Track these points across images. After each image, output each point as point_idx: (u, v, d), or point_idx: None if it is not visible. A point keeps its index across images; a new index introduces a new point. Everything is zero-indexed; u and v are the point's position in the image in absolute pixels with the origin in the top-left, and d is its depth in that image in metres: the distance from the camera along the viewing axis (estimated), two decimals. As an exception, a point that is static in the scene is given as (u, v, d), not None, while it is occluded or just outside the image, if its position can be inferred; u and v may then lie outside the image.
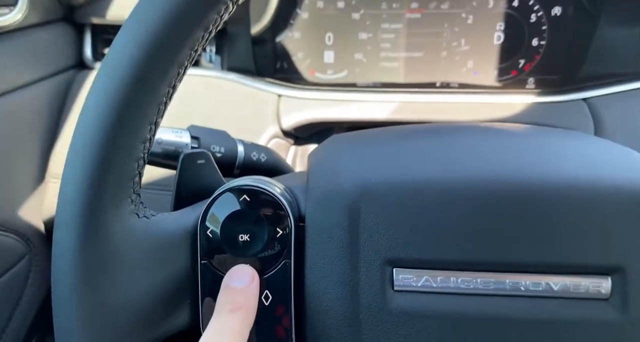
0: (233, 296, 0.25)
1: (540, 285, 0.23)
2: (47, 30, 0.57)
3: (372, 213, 0.25)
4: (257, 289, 0.25)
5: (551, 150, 0.27)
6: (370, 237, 0.25)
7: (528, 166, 0.25)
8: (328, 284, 0.25)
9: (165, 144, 0.34)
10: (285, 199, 0.27)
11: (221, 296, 0.25)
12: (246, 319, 0.24)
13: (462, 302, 0.24)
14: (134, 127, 0.23)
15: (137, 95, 0.22)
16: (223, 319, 0.24)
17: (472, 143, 0.28)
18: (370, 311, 0.25)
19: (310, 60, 0.62)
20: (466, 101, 0.58)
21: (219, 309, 0.24)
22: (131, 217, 0.25)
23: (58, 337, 0.25)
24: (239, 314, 0.24)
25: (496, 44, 0.59)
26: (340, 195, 0.26)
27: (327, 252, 0.26)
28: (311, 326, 0.26)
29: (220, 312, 0.24)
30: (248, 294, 0.25)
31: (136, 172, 0.24)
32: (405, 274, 0.25)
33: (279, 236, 0.26)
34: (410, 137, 0.30)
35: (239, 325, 0.24)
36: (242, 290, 0.25)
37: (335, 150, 0.30)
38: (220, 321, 0.24)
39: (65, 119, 0.57)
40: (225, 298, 0.25)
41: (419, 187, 0.25)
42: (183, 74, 0.24)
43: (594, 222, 0.23)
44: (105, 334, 0.24)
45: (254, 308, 0.25)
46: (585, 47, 0.55)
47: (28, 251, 0.53)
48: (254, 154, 0.39)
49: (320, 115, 0.56)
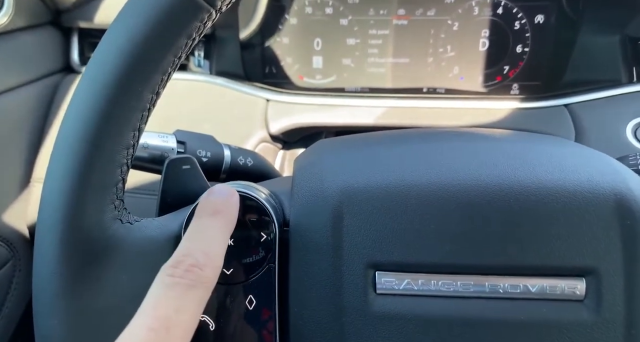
0: (213, 203, 0.25)
1: (519, 287, 0.24)
2: (33, 34, 0.57)
3: (354, 217, 0.25)
4: (237, 203, 0.25)
5: (528, 155, 0.27)
6: (353, 241, 0.25)
7: (506, 170, 0.26)
8: (311, 287, 0.26)
9: (151, 148, 0.34)
10: (269, 204, 0.27)
11: (200, 204, 0.25)
12: (227, 224, 0.24)
13: (442, 304, 0.24)
14: (117, 134, 0.23)
15: (120, 101, 0.22)
16: (203, 221, 0.24)
17: (453, 148, 0.29)
18: (353, 314, 0.25)
19: (298, 66, 0.63)
20: (451, 107, 0.58)
21: (199, 213, 0.24)
22: (114, 223, 0.25)
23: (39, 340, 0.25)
24: (219, 218, 0.24)
25: (481, 50, 0.60)
26: (324, 199, 0.26)
27: (311, 256, 0.26)
28: (295, 330, 0.26)
29: (201, 215, 0.24)
30: (228, 204, 0.25)
31: (119, 178, 0.24)
32: (387, 277, 0.25)
33: (263, 240, 0.26)
34: (393, 142, 0.31)
35: (219, 227, 0.24)
36: (222, 200, 0.25)
37: (320, 155, 0.30)
38: (200, 222, 0.24)
39: (51, 123, 0.57)
40: (205, 204, 0.25)
41: (400, 191, 0.25)
42: (167, 81, 0.24)
43: (569, 225, 0.24)
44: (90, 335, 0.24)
45: (233, 218, 0.25)
46: (567, 54, 0.57)
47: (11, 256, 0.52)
48: (240, 159, 0.39)
49: (309, 120, 0.57)
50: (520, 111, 0.56)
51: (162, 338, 0.19)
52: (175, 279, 0.21)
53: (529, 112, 0.56)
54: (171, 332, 0.19)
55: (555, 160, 0.26)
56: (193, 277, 0.21)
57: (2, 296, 0.51)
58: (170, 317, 0.19)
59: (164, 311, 0.20)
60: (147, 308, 0.20)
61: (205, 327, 0.26)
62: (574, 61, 0.56)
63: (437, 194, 0.25)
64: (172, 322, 0.19)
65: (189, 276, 0.21)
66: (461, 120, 0.57)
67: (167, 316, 0.19)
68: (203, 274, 0.21)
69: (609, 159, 0.27)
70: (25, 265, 0.54)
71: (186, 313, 0.20)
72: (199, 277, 0.21)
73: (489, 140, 0.30)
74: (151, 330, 0.19)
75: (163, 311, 0.20)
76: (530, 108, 0.56)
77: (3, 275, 0.51)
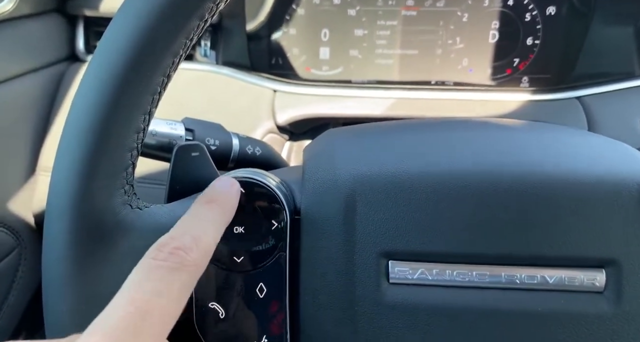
0: (212, 192, 0.24)
1: (536, 278, 0.23)
2: (38, 22, 0.56)
3: (368, 205, 0.25)
4: (237, 194, 0.25)
5: (547, 143, 0.27)
6: (366, 230, 0.25)
7: (524, 159, 0.25)
8: (323, 276, 0.25)
9: (159, 135, 0.34)
10: (280, 192, 0.26)
11: (200, 195, 0.24)
12: (223, 213, 0.24)
13: (457, 295, 0.24)
14: (128, 117, 0.22)
15: (131, 84, 0.22)
16: (197, 207, 0.23)
17: (469, 137, 0.28)
18: (366, 304, 0.25)
19: (305, 57, 0.62)
20: (461, 98, 0.58)
21: (197, 201, 0.24)
22: (124, 208, 0.24)
23: (48, 330, 0.24)
24: (214, 206, 0.23)
25: (491, 42, 0.60)
26: (337, 187, 0.26)
27: (323, 245, 0.25)
28: (305, 318, 0.25)
29: (198, 202, 0.24)
30: (227, 194, 0.24)
31: (129, 162, 0.24)
32: (400, 267, 0.24)
33: (274, 228, 0.26)
34: (405, 131, 0.30)
35: (215, 215, 0.23)
36: (221, 190, 0.24)
37: (331, 144, 0.30)
38: (195, 209, 0.23)
39: (56, 112, 0.56)
40: (204, 193, 0.24)
41: (415, 180, 0.25)
42: (178, 64, 0.24)
43: (589, 215, 0.23)
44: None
45: (231, 208, 0.24)
46: (578, 46, 0.56)
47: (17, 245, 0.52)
48: (248, 148, 0.39)
49: (316, 111, 0.56)
50: (531, 103, 0.55)
51: (138, 322, 0.17)
52: (158, 262, 0.20)
53: (540, 104, 0.55)
54: (148, 316, 0.18)
55: (575, 149, 0.26)
56: (177, 260, 0.20)
57: (8, 285, 0.51)
58: (149, 300, 0.18)
59: (142, 294, 0.18)
60: (125, 290, 0.19)
61: (215, 314, 0.26)
62: (585, 53, 0.55)
63: (453, 182, 0.25)
64: (150, 306, 0.18)
65: (173, 259, 0.20)
66: (471, 112, 0.56)
67: (145, 299, 0.18)
68: (188, 258, 0.20)
69: (630, 149, 0.26)
70: (31, 254, 0.54)
71: (166, 297, 0.19)
72: (183, 260, 0.20)
73: (505, 129, 0.29)
74: (127, 313, 0.18)
75: (141, 294, 0.18)
76: (541, 100, 0.55)
77: (9, 264, 0.51)
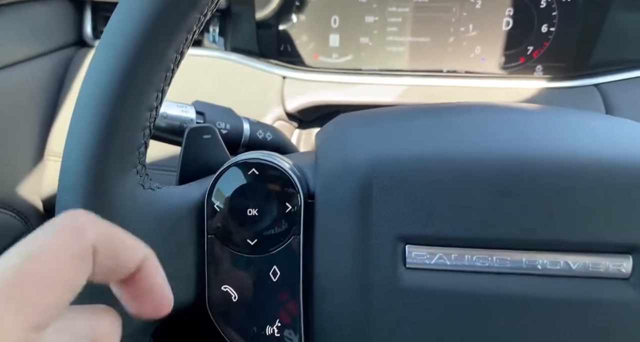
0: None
1: (558, 264, 0.23)
2: (46, 6, 0.55)
3: (384, 188, 0.24)
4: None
5: (570, 127, 0.26)
6: (382, 213, 0.24)
7: (547, 142, 0.24)
8: (338, 261, 0.25)
9: (170, 118, 0.33)
10: (294, 174, 0.26)
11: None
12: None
13: (476, 280, 0.23)
14: (141, 94, 0.22)
15: (144, 60, 0.21)
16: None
17: (488, 120, 0.27)
18: (381, 289, 0.24)
19: (314, 44, 0.61)
20: (474, 86, 0.57)
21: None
22: (136, 188, 0.24)
23: None
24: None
25: (505, 30, 0.58)
26: (352, 170, 0.25)
27: (337, 229, 0.25)
28: (319, 303, 0.25)
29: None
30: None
31: (142, 141, 0.23)
32: (418, 251, 0.24)
33: (287, 211, 0.25)
34: (422, 114, 0.30)
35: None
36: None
37: (345, 127, 0.29)
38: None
39: (64, 97, 0.56)
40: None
41: (433, 162, 0.24)
42: (191, 40, 0.23)
43: (615, 199, 0.22)
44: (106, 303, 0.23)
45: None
46: (595, 33, 0.54)
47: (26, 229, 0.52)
48: (259, 133, 0.38)
49: (326, 98, 0.56)
50: (547, 90, 0.54)
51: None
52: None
53: (557, 92, 0.54)
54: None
55: (599, 132, 0.25)
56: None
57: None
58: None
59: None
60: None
61: (228, 297, 0.25)
62: (603, 40, 0.54)
63: (472, 165, 0.24)
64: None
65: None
66: (483, 100, 0.55)
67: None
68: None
69: None
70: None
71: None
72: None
73: (525, 113, 0.28)
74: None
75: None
76: (557, 88, 0.54)
77: (17, 248, 0.51)
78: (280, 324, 0.25)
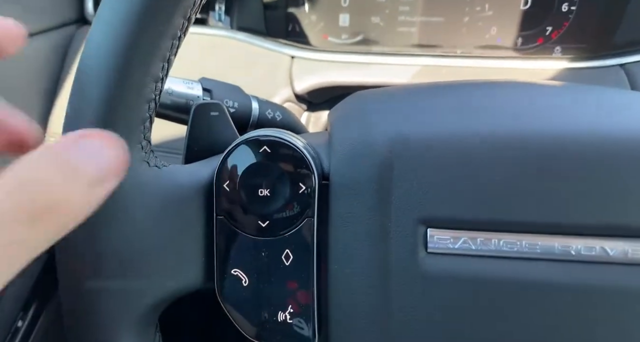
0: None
1: (594, 249, 0.21)
2: (46, -19, 0.53)
3: (405, 167, 0.23)
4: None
5: (600, 103, 0.24)
6: (403, 194, 0.23)
7: (579, 119, 0.23)
8: (354, 244, 0.23)
9: (176, 95, 0.32)
10: (308, 153, 0.24)
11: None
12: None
13: (503, 266, 0.22)
14: (146, 63, 0.20)
15: (150, 26, 0.20)
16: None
17: (517, 96, 0.25)
18: (400, 274, 0.23)
19: (323, 24, 0.59)
20: (490, 66, 0.55)
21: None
22: (141, 166, 0.22)
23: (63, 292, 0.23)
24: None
25: (522, 9, 0.56)
26: (371, 148, 0.24)
27: (354, 211, 0.23)
28: (334, 288, 0.24)
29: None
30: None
31: (147, 114, 0.22)
32: (440, 235, 0.22)
33: (301, 192, 0.24)
34: (444, 91, 0.28)
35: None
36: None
37: (363, 103, 0.27)
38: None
39: (65, 76, 0.54)
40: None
41: (458, 140, 0.23)
42: (200, 5, 0.21)
43: None
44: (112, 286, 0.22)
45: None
46: (619, 12, 0.52)
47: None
48: (268, 112, 0.36)
49: (337, 79, 0.54)
50: (568, 71, 0.52)
51: None
52: None
53: (578, 73, 0.52)
54: None
55: (633, 109, 0.23)
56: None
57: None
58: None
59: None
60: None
61: (238, 282, 0.24)
62: (627, 19, 0.51)
63: (500, 142, 0.22)
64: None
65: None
66: None
67: None
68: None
69: None
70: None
71: None
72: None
73: (555, 90, 0.26)
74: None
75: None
76: (580, 68, 0.52)
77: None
78: (292, 310, 0.24)
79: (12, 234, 0.12)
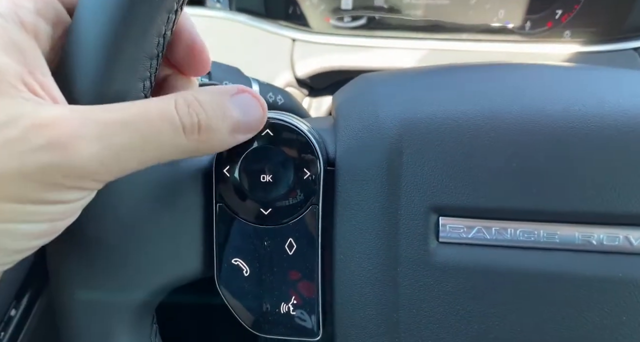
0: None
1: (617, 239, 0.20)
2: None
3: (416, 152, 0.21)
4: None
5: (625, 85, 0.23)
6: (413, 180, 0.21)
7: (608, 101, 0.21)
8: (361, 233, 0.22)
9: (172, 76, 0.30)
10: (314, 137, 0.23)
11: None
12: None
13: (520, 257, 0.21)
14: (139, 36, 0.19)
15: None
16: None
17: (532, 77, 0.24)
18: (410, 265, 0.22)
19: (325, 6, 0.57)
20: (497, 50, 0.53)
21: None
22: None
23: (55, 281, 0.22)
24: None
25: (531, -10, 0.54)
26: (379, 132, 0.22)
27: (362, 198, 0.22)
28: (340, 279, 0.23)
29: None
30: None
31: (142, 94, 0.20)
32: (453, 224, 0.21)
33: (305, 178, 0.23)
34: (454, 72, 0.26)
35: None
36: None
37: (370, 85, 0.26)
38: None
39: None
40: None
41: (472, 123, 0.21)
42: None
43: None
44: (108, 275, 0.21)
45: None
46: (633, -5, 0.50)
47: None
48: (270, 96, 0.35)
49: (339, 63, 0.52)
50: (579, 55, 0.50)
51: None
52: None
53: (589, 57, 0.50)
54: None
55: None
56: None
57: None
58: None
59: None
60: None
61: (239, 272, 0.23)
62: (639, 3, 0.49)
63: (517, 126, 0.21)
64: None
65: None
66: None
67: None
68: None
69: None
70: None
71: None
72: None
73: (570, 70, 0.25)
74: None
75: None
76: (591, 52, 0.50)
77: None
78: (295, 302, 0.23)
79: (171, 137, 0.17)
